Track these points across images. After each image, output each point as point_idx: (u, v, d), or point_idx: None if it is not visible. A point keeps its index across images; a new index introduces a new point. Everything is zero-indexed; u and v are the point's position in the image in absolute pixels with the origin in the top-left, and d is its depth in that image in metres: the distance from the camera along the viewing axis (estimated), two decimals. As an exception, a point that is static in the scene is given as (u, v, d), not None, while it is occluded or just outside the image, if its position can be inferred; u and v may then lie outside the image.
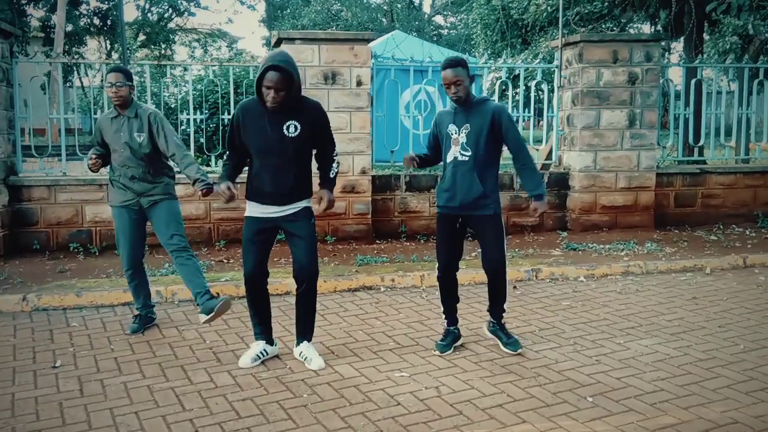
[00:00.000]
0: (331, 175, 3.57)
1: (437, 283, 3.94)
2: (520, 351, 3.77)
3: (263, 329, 3.71)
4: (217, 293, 4.29)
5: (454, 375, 3.50)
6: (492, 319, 3.92)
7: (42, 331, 4.26)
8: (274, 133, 3.40)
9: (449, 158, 3.71)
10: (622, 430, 2.89)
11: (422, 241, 6.83)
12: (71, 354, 3.83)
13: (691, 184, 7.66)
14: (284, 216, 3.52)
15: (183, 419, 3.00)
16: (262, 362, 3.65)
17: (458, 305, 3.97)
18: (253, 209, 3.55)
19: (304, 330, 3.71)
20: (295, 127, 3.42)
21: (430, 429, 2.90)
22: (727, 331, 4.21)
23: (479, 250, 3.87)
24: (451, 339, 3.87)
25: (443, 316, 3.94)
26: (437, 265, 3.87)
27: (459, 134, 3.65)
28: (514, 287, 5.20)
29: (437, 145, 3.84)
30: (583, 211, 7.24)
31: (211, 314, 3.86)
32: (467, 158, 3.64)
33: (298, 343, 3.73)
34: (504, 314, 3.91)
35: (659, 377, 3.46)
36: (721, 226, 7.49)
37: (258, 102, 3.41)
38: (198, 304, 4.00)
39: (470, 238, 4.48)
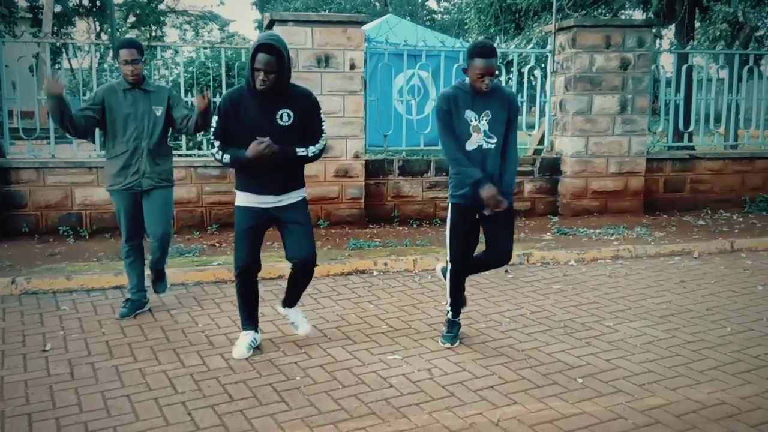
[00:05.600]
0: (308, 152, 3.34)
1: (448, 277, 3.71)
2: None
3: (253, 319, 3.65)
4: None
5: (446, 357, 3.53)
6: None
7: (32, 314, 4.23)
8: (267, 122, 3.27)
9: (471, 146, 3.45)
10: (611, 410, 2.93)
11: (415, 225, 6.84)
12: (61, 337, 3.82)
13: (681, 169, 7.71)
14: (280, 206, 3.41)
15: (175, 402, 3.00)
16: (258, 349, 3.62)
17: None
18: (248, 199, 3.41)
19: (293, 301, 3.69)
20: (289, 115, 3.31)
21: (422, 411, 2.93)
22: (715, 313, 4.27)
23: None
24: (457, 330, 3.77)
25: (449, 309, 3.78)
26: (451, 259, 3.65)
27: (479, 121, 3.44)
28: (506, 271, 5.23)
29: None
30: (574, 196, 7.27)
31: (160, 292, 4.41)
32: (493, 145, 3.46)
33: (284, 306, 3.71)
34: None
35: (648, 359, 3.51)
36: (709, 211, 7.57)
37: (247, 90, 3.29)
38: (154, 280, 4.37)
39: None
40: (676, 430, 2.75)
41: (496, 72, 3.39)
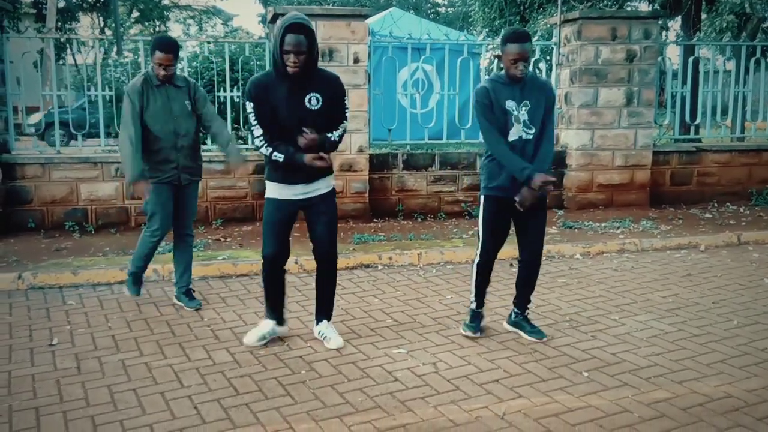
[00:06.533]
0: (333, 137, 3.35)
1: (475, 270, 3.70)
2: (545, 339, 3.67)
3: (275, 309, 3.65)
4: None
5: (451, 351, 3.53)
6: (516, 310, 3.79)
7: (38, 309, 4.25)
8: (294, 106, 3.24)
9: (512, 137, 3.44)
10: (617, 404, 2.92)
11: (419, 219, 6.84)
12: (68, 332, 3.84)
13: (687, 162, 7.67)
14: (311, 197, 3.40)
15: (181, 396, 3.02)
16: (266, 344, 3.60)
17: (457, 282, 3.95)
18: (280, 191, 3.39)
19: (324, 308, 3.66)
20: (317, 99, 3.27)
21: (427, 404, 2.93)
22: (721, 307, 4.25)
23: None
24: (479, 321, 3.77)
25: (473, 300, 3.76)
26: (480, 252, 3.66)
27: (519, 111, 3.42)
28: (511, 265, 5.21)
29: None
30: (579, 189, 7.25)
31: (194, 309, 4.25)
32: (532, 136, 3.45)
33: (318, 322, 3.71)
34: (530, 305, 3.81)
35: (654, 352, 3.50)
36: (716, 204, 7.53)
37: (275, 75, 3.24)
38: (179, 296, 4.29)
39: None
40: (682, 424, 2.74)
41: (529, 56, 3.37)
